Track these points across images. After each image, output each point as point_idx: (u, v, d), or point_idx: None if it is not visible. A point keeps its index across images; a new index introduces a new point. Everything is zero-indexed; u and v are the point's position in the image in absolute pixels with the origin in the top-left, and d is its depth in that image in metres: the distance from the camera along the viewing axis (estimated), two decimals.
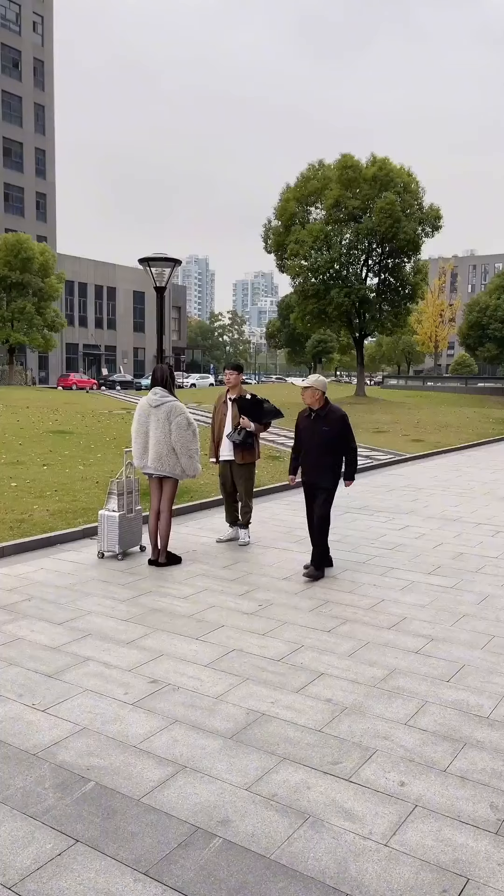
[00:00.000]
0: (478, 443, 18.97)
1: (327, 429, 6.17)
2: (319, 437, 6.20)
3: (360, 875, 2.56)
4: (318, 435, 6.20)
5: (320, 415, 6.25)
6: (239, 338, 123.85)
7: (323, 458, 6.20)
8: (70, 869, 2.57)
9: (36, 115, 64.19)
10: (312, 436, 6.24)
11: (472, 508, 9.65)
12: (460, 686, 4.11)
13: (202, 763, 3.26)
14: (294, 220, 35.77)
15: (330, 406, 6.28)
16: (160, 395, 6.43)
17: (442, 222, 35.34)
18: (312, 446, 6.24)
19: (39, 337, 46.76)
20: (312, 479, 6.27)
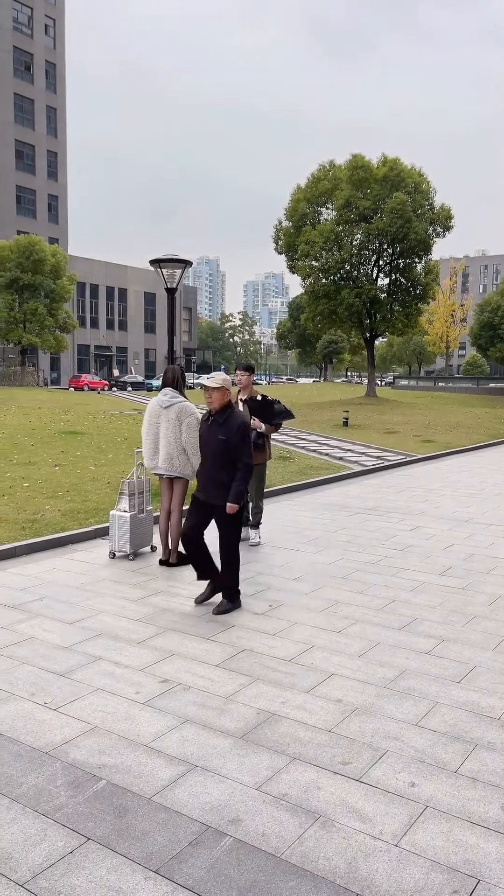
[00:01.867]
0: (489, 443, 18.89)
1: (224, 438, 5.23)
2: (215, 446, 5.29)
3: (371, 875, 2.57)
4: (214, 443, 5.30)
5: (218, 420, 5.34)
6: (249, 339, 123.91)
7: (218, 472, 5.27)
8: (81, 867, 2.58)
9: (48, 118, 64.50)
10: (207, 443, 5.38)
11: (483, 509, 9.61)
12: (471, 687, 4.10)
13: (213, 762, 3.27)
14: (305, 220, 35.77)
15: (232, 411, 5.39)
16: (170, 396, 6.45)
17: (453, 222, 35.26)
18: (207, 457, 5.38)
19: (51, 338, 46.97)
20: (206, 495, 5.36)
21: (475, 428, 23.01)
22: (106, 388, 54.21)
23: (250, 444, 5.31)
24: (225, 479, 5.26)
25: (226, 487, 5.25)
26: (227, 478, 5.25)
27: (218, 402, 5.34)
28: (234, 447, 5.21)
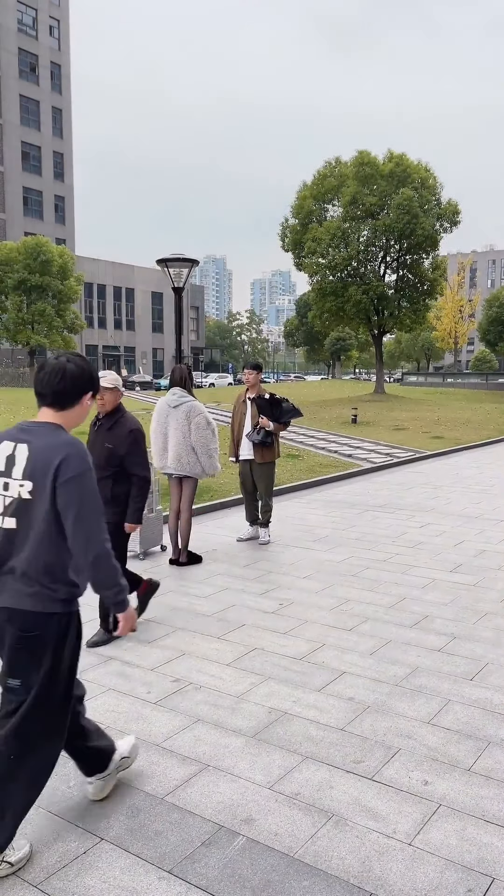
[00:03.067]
0: (499, 439, 18.81)
1: (111, 446, 4.60)
2: (100, 456, 4.64)
3: (385, 874, 2.56)
4: (100, 452, 4.66)
5: (106, 426, 4.70)
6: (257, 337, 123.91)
7: (103, 486, 4.58)
8: (95, 867, 2.59)
9: (54, 119, 64.64)
10: (92, 452, 4.49)
11: (493, 505, 9.57)
12: (483, 684, 4.08)
13: (225, 762, 3.27)
14: (311, 217, 35.70)
15: (123, 415, 4.72)
16: (179, 396, 6.45)
17: (460, 217, 35.09)
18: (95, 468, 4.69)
19: (59, 339, 47.10)
20: None
21: (484, 424, 22.92)
22: None
23: (144, 453, 4.68)
24: (112, 494, 4.60)
25: (115, 503, 4.61)
26: (117, 492, 4.61)
27: (110, 405, 4.69)
28: (124, 457, 4.56)
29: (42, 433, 2.53)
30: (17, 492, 2.49)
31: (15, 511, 2.51)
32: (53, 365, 2.59)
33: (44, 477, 2.45)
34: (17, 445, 2.53)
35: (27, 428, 2.57)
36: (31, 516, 2.49)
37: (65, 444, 2.48)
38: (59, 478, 2.43)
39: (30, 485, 2.47)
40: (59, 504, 2.45)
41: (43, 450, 2.48)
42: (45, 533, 2.48)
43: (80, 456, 2.47)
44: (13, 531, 2.52)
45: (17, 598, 2.50)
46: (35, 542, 2.49)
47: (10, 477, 2.51)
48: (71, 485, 2.43)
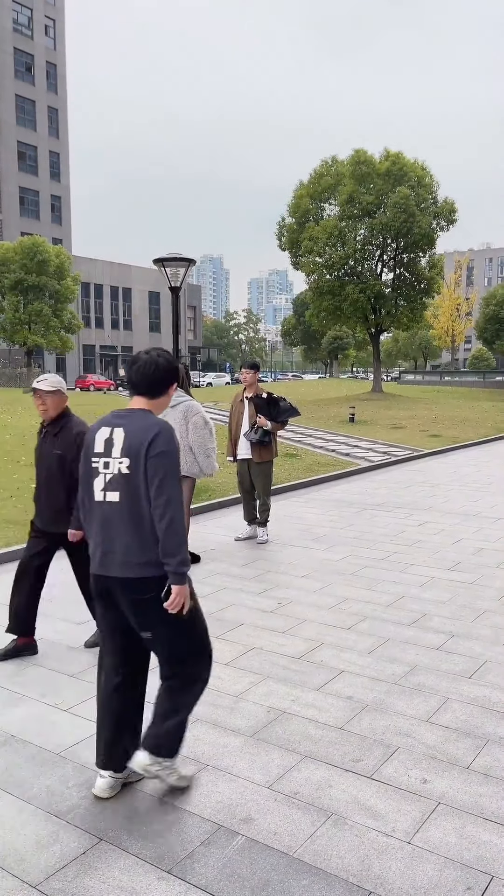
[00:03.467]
0: (496, 437, 18.83)
1: (59, 452, 4.38)
2: (50, 463, 4.42)
3: (384, 873, 2.56)
4: (49, 459, 4.43)
5: (52, 432, 4.47)
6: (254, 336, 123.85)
7: (56, 495, 4.41)
8: (94, 868, 2.59)
9: (49, 119, 64.54)
10: (42, 460, 4.47)
11: (491, 503, 9.58)
12: (482, 682, 4.08)
13: (224, 761, 3.27)
14: (308, 216, 35.68)
15: (69, 419, 4.49)
16: (176, 395, 6.44)
17: (457, 216, 35.09)
18: (42, 476, 4.49)
19: (56, 339, 47.04)
20: (44, 522, 4.49)
21: (482, 422, 22.94)
22: (112, 387, 54.31)
23: None
24: (65, 503, 4.39)
25: (69, 511, 4.39)
26: (69, 500, 4.39)
27: (53, 410, 4.45)
28: (74, 462, 4.36)
29: (135, 418, 2.92)
30: (118, 468, 2.86)
31: (117, 485, 2.86)
32: (146, 359, 2.99)
33: (138, 452, 2.82)
34: (114, 429, 2.92)
35: (121, 414, 2.97)
36: (130, 489, 2.84)
37: (155, 425, 2.87)
38: (150, 452, 2.80)
39: (127, 461, 2.84)
40: (148, 473, 2.80)
41: (137, 431, 2.85)
42: (141, 504, 2.83)
43: (167, 435, 2.85)
44: (117, 504, 2.87)
45: (128, 567, 2.86)
46: (137, 514, 2.84)
47: (110, 456, 2.88)
48: (159, 458, 2.80)
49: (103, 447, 2.91)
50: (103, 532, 2.91)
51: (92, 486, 2.95)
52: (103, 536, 2.91)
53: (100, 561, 2.93)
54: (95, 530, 2.95)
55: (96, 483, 2.92)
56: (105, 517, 2.90)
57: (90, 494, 2.96)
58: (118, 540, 2.87)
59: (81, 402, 30.88)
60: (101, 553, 2.92)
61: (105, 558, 2.91)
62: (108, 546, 2.90)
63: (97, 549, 2.95)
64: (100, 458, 2.91)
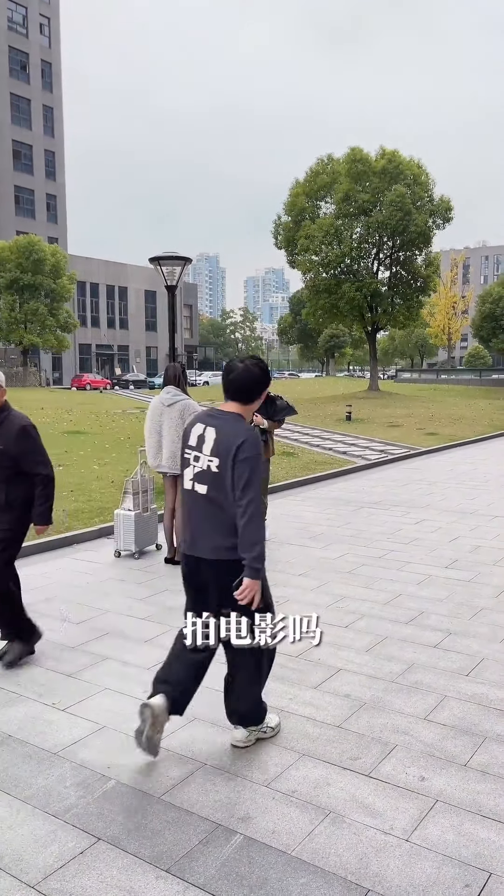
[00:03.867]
0: (493, 435, 18.86)
1: (1, 447, 4.18)
2: None
3: (382, 870, 2.56)
4: None
5: None
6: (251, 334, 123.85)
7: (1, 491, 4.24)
8: (92, 867, 2.58)
9: (45, 118, 64.37)
10: None
11: (488, 501, 9.59)
12: (479, 680, 4.09)
13: (222, 760, 3.27)
14: (304, 215, 35.65)
15: (9, 412, 4.30)
16: (173, 394, 6.44)
17: (453, 214, 35.11)
18: None
19: (52, 338, 46.98)
20: None
21: (479, 420, 22.96)
22: (108, 386, 54.25)
23: (41, 450, 4.32)
24: (7, 499, 4.23)
25: (10, 509, 4.25)
26: (13, 497, 4.24)
27: None
28: (18, 457, 4.19)
29: (228, 420, 3.22)
30: (207, 465, 3.17)
31: (206, 480, 3.18)
32: (243, 368, 3.25)
33: (227, 455, 3.11)
34: (207, 428, 3.22)
35: (216, 415, 3.27)
36: (217, 485, 3.15)
37: (244, 432, 3.17)
38: (238, 456, 3.08)
39: (217, 460, 3.14)
40: (234, 474, 3.09)
41: (228, 434, 3.15)
42: (230, 501, 3.12)
43: (253, 442, 3.14)
44: (205, 496, 3.18)
45: (217, 551, 3.18)
46: (222, 507, 3.15)
47: (201, 452, 3.19)
48: (246, 463, 3.09)
49: (196, 442, 3.23)
50: (193, 518, 3.26)
51: (184, 474, 3.29)
52: (193, 522, 3.26)
53: (189, 543, 3.28)
54: (185, 516, 3.34)
55: (186, 472, 3.27)
56: (194, 505, 3.24)
57: (182, 481, 3.31)
58: (206, 526, 3.20)
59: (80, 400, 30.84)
60: (191, 537, 3.28)
61: (194, 541, 3.26)
62: (196, 531, 3.25)
63: (186, 531, 3.31)
64: (192, 451, 3.24)
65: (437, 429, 19.70)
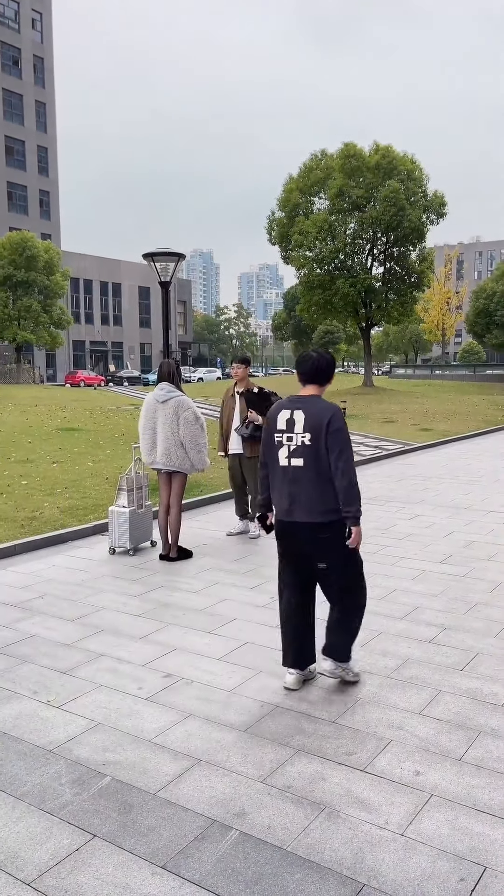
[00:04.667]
0: (487, 430, 18.89)
1: None
2: None
3: (377, 865, 2.57)
4: None
5: None
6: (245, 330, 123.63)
7: None
8: (88, 864, 2.58)
9: (37, 113, 64.08)
10: None
11: (482, 496, 9.61)
12: (474, 674, 4.10)
13: (217, 756, 3.27)
14: (298, 210, 35.64)
15: None
16: (167, 391, 6.42)
17: (447, 209, 35.13)
18: None
19: (46, 335, 46.85)
20: None
21: (473, 415, 23.01)
22: (102, 383, 54.14)
23: None
24: None
25: None
26: None
27: None
28: None
29: (312, 402, 3.81)
30: (301, 441, 3.74)
31: (301, 454, 3.74)
32: (317, 356, 3.91)
33: (318, 429, 3.69)
34: (294, 411, 3.79)
35: (298, 399, 3.84)
36: (313, 456, 3.71)
37: (330, 408, 3.77)
38: (329, 429, 3.69)
39: (309, 435, 3.72)
40: (328, 445, 3.68)
41: (316, 412, 3.74)
42: (323, 467, 3.70)
43: (340, 415, 3.75)
44: (301, 468, 3.75)
45: (312, 514, 3.74)
46: (318, 474, 3.72)
47: (293, 432, 3.77)
48: (337, 434, 3.69)
49: (285, 425, 3.79)
50: (290, 489, 3.77)
51: (276, 455, 3.83)
52: (290, 492, 3.77)
53: (287, 510, 3.80)
54: (280, 487, 3.84)
55: (280, 452, 3.80)
56: (291, 477, 3.76)
57: (274, 460, 3.86)
58: (303, 494, 3.73)
59: (74, 397, 30.77)
60: (288, 504, 3.79)
61: (292, 508, 3.78)
62: (294, 499, 3.76)
63: (283, 501, 3.82)
64: (282, 433, 3.80)
65: (431, 424, 19.73)
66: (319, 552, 3.80)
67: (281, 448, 3.81)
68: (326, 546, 3.77)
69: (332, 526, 3.73)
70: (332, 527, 3.74)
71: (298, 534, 3.79)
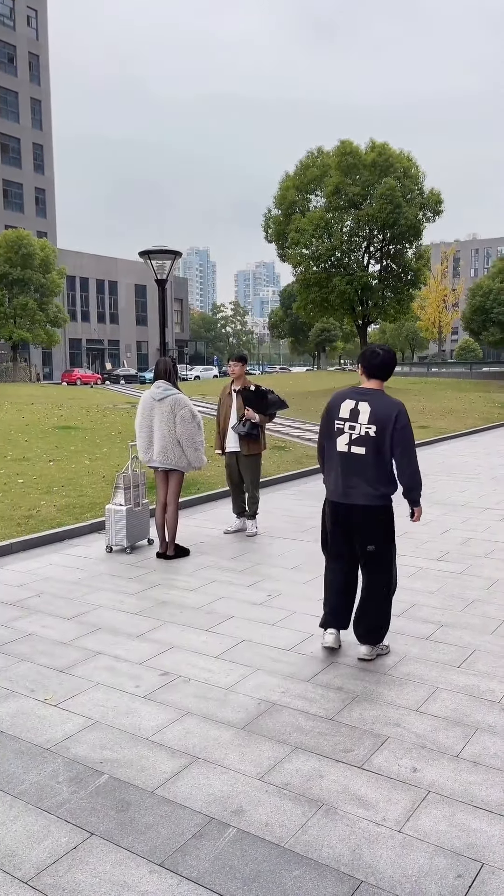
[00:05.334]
0: (484, 428, 18.91)
1: None
2: None
3: (375, 861, 2.57)
4: None
5: None
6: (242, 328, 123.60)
7: None
8: (86, 862, 2.58)
9: (33, 110, 63.88)
10: None
11: (479, 493, 9.63)
12: (471, 671, 4.11)
13: (215, 754, 3.27)
14: (294, 208, 35.56)
15: None
16: (163, 389, 6.42)
17: (443, 207, 35.09)
18: None
19: (42, 333, 46.74)
20: None
21: (469, 412, 23.03)
22: (99, 381, 54.07)
23: None
24: None
25: None
26: None
27: None
28: None
29: (377, 396, 4.09)
30: (365, 431, 4.03)
31: (363, 443, 4.04)
32: (384, 353, 4.17)
33: (385, 423, 4.00)
34: (359, 402, 4.09)
35: (363, 391, 4.12)
36: (375, 447, 4.02)
37: (396, 404, 4.06)
38: (397, 425, 3.99)
39: (374, 427, 4.01)
40: (394, 440, 4.00)
41: (383, 406, 4.03)
42: (383, 458, 4.03)
43: (405, 412, 4.05)
44: (362, 455, 4.05)
45: (368, 498, 4.08)
46: (377, 462, 4.03)
47: (357, 422, 4.05)
48: (404, 430, 4.01)
49: (348, 414, 4.07)
50: (347, 474, 4.08)
51: (335, 440, 4.12)
52: (346, 477, 4.08)
53: (342, 493, 4.12)
54: (337, 471, 4.13)
55: (340, 439, 4.10)
56: (349, 463, 4.07)
57: (334, 446, 4.14)
58: (360, 479, 4.04)
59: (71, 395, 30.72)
60: (344, 488, 4.10)
61: (348, 491, 4.10)
62: (351, 483, 4.08)
63: (339, 485, 4.12)
64: (344, 422, 4.08)
65: (428, 422, 19.75)
66: (369, 533, 4.13)
67: (341, 435, 4.09)
68: (376, 527, 4.12)
69: (383, 509, 4.10)
70: (383, 510, 4.10)
71: (353, 516, 4.11)
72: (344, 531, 4.21)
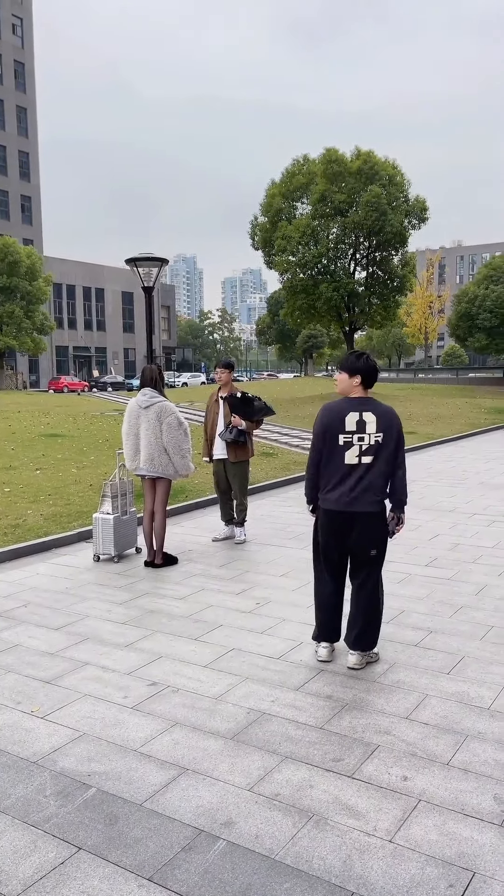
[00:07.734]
0: (470, 433, 19.00)
1: None
2: None
3: (366, 872, 2.55)
4: None
5: None
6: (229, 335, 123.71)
7: None
8: (73, 877, 2.54)
9: (18, 118, 63.80)
10: None
11: (466, 499, 9.65)
12: (460, 678, 4.10)
13: (204, 765, 3.24)
14: (280, 215, 35.68)
15: None
16: (150, 396, 6.39)
17: (428, 214, 35.32)
18: None
19: (29, 340, 46.55)
20: None
21: (456, 418, 23.14)
22: (85, 389, 53.89)
23: None
24: None
25: None
26: None
27: None
28: None
29: (375, 404, 4.16)
30: (374, 440, 4.10)
31: (372, 451, 4.11)
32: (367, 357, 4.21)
33: (390, 429, 4.12)
34: (363, 413, 4.12)
35: (363, 401, 4.16)
36: (381, 454, 4.12)
37: (392, 409, 4.20)
38: (398, 429, 4.14)
39: (381, 435, 4.10)
40: (396, 445, 4.13)
41: (384, 413, 4.14)
42: (387, 465, 4.13)
43: (399, 416, 4.20)
44: (370, 464, 4.13)
45: (373, 504, 4.14)
46: (380, 470, 4.13)
47: (365, 432, 4.10)
48: (401, 433, 4.16)
49: (355, 427, 4.10)
50: (356, 484, 4.12)
51: (343, 454, 4.13)
52: (355, 485, 4.12)
53: (348, 502, 4.14)
54: (344, 482, 4.15)
55: (349, 452, 4.12)
56: (359, 474, 4.11)
57: (340, 459, 4.14)
58: (369, 487, 4.11)
59: (58, 403, 30.58)
60: (352, 497, 4.13)
61: (355, 500, 4.13)
62: (358, 492, 4.12)
63: (346, 495, 4.14)
64: (352, 434, 4.11)
65: (415, 427, 19.81)
66: (372, 538, 4.17)
67: (350, 448, 4.11)
68: (379, 531, 4.18)
69: (383, 514, 4.19)
70: (383, 514, 4.19)
71: (356, 523, 4.14)
72: (339, 542, 4.21)
